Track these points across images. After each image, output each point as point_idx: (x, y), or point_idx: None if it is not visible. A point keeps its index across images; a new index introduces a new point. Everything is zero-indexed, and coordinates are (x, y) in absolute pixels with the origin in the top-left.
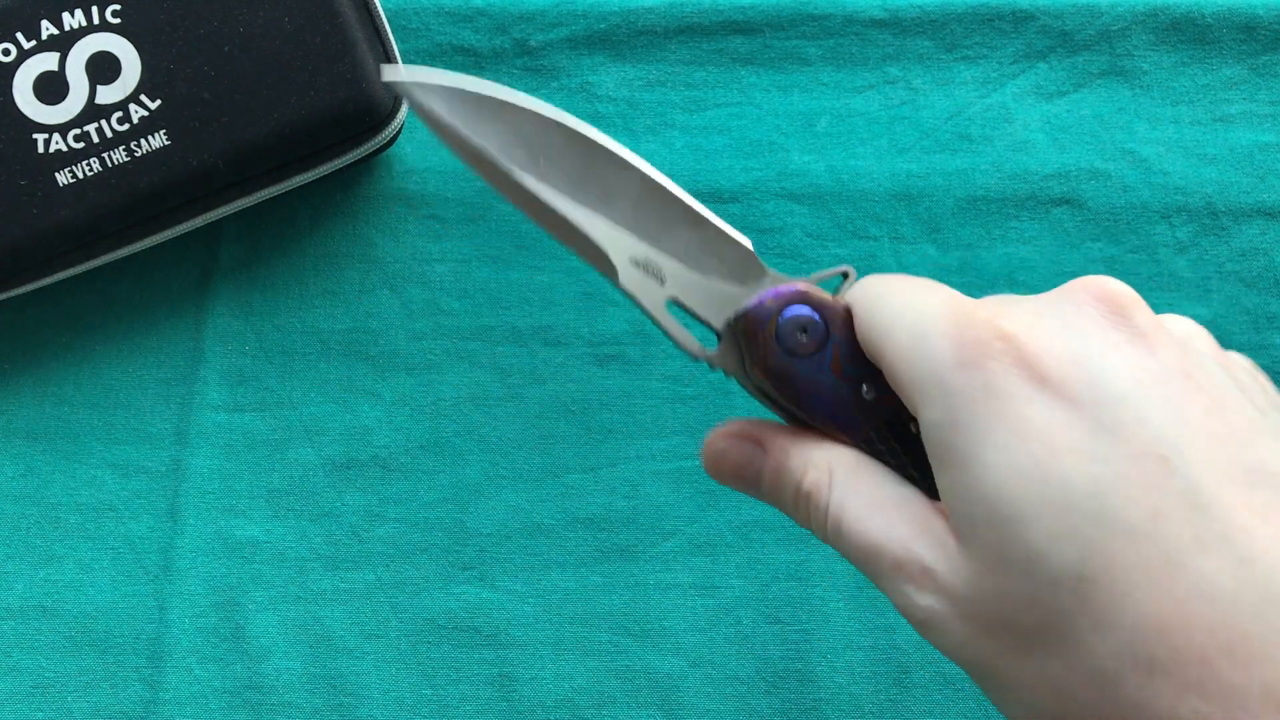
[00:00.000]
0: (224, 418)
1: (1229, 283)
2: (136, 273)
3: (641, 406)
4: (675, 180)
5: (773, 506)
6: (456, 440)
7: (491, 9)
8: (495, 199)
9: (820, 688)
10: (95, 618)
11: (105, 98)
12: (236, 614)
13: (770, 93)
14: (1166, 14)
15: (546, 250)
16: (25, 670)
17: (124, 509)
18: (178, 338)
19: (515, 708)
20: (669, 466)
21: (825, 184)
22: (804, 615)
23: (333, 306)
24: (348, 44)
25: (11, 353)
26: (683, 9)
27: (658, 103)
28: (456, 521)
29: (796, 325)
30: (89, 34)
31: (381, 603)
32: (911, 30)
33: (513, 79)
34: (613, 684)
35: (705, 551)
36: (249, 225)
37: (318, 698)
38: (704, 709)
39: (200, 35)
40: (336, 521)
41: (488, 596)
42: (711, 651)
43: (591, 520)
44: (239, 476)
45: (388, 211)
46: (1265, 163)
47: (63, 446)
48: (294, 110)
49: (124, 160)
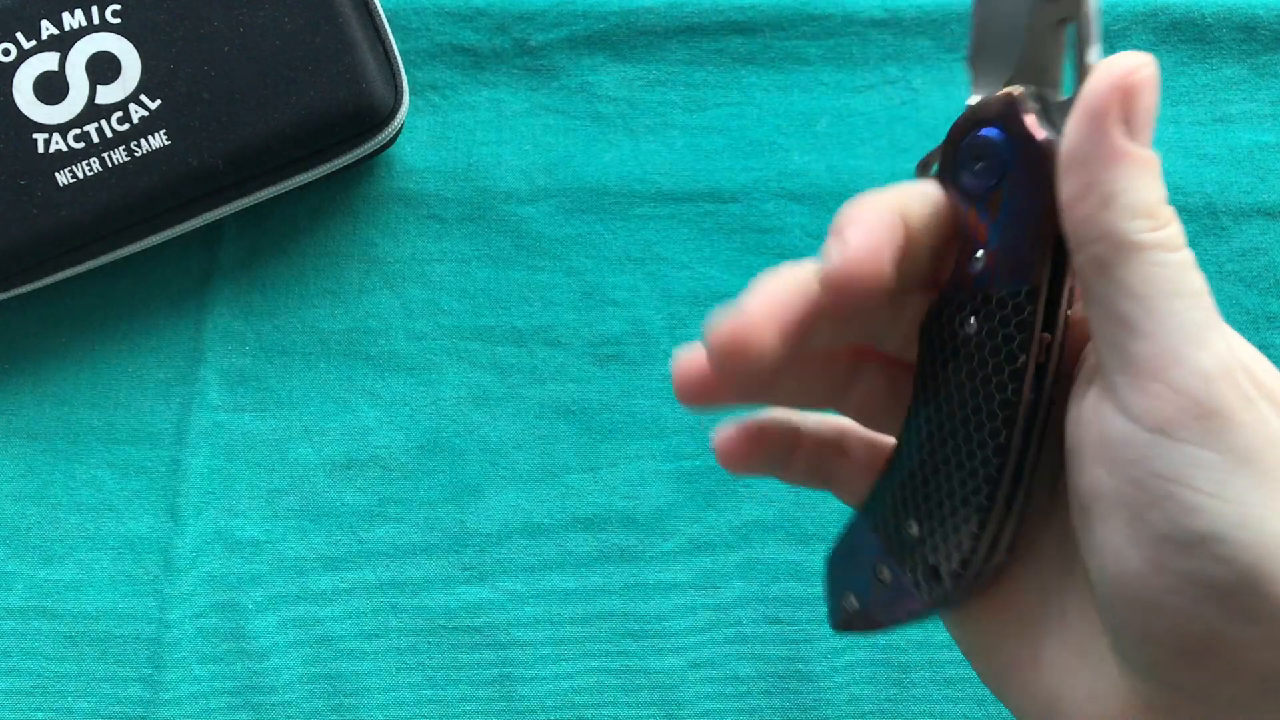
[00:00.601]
0: (224, 418)
1: (1229, 282)
2: (136, 273)
3: (641, 406)
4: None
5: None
6: (456, 440)
7: (491, 9)
8: (495, 199)
9: (820, 688)
10: (95, 618)
11: (105, 98)
12: (236, 614)
13: (770, 93)
14: (1166, 14)
15: (546, 250)
16: (25, 670)
17: (124, 509)
18: (178, 338)
19: (515, 708)
20: (669, 466)
21: (825, 184)
22: (804, 615)
23: (333, 306)
24: (348, 44)
25: (11, 353)
26: (683, 9)
27: (658, 103)
28: (456, 521)
29: (976, 150)
30: (89, 34)
31: (381, 603)
32: (911, 30)
33: (513, 79)
34: (613, 684)
35: (705, 551)
36: (249, 225)
37: (318, 698)
38: (704, 709)
39: (200, 35)
40: (336, 521)
41: (488, 596)
42: (711, 651)
43: (591, 520)
44: (239, 476)
45: (388, 211)
46: (1265, 162)
47: (63, 446)
48: (294, 110)
49: (124, 160)
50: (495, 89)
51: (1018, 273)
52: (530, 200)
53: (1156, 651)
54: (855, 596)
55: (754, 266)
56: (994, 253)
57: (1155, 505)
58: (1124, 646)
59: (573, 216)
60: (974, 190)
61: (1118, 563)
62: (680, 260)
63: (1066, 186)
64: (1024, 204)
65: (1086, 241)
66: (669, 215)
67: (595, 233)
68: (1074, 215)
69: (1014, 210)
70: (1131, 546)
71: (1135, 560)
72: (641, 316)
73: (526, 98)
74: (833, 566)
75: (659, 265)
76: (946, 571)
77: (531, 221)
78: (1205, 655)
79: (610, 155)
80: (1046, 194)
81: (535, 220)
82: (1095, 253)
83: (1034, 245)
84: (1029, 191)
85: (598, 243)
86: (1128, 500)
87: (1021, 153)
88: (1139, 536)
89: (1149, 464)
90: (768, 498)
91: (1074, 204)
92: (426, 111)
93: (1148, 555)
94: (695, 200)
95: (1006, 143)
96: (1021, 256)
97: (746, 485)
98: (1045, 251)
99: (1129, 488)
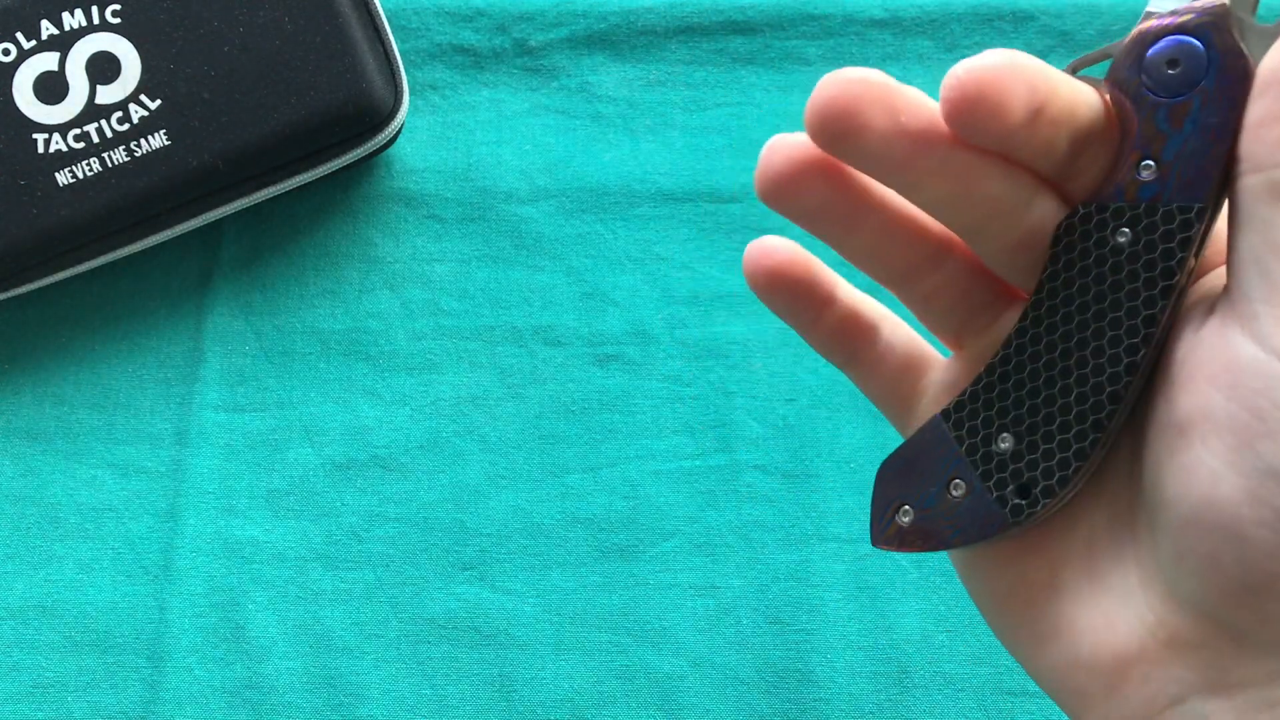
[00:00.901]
0: (224, 418)
1: None
2: (136, 273)
3: (641, 406)
4: (675, 180)
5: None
6: (456, 440)
7: (491, 9)
8: (495, 199)
9: (820, 688)
10: (95, 618)
11: (105, 98)
12: (236, 614)
13: (770, 93)
14: None
15: (546, 250)
16: (25, 670)
17: (124, 509)
18: (178, 338)
19: (515, 708)
20: (669, 466)
21: None
22: (804, 615)
23: (333, 306)
24: (348, 44)
25: (11, 353)
26: (683, 9)
27: (658, 103)
28: (456, 521)
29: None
30: (89, 34)
31: (381, 603)
32: (911, 30)
33: (513, 79)
34: (613, 684)
35: (705, 551)
36: (249, 225)
37: (318, 698)
38: (704, 709)
39: (200, 35)
40: (336, 521)
41: (488, 596)
42: (711, 651)
43: (591, 520)
44: (239, 476)
45: (388, 211)
46: None
47: (63, 446)
48: (294, 110)
49: (124, 160)
50: (495, 89)
51: (1192, 189)
52: (530, 200)
53: (1220, 581)
54: (913, 509)
55: None
56: (1169, 164)
57: (1271, 436)
58: (1181, 573)
59: (573, 216)
60: (1158, 97)
61: (1211, 486)
62: (680, 260)
63: (1258, 107)
64: (1216, 120)
65: (1267, 166)
66: (669, 215)
67: (595, 233)
68: (1261, 136)
69: (1204, 125)
70: (1232, 472)
71: (1232, 487)
72: (641, 316)
73: (526, 98)
74: (885, 476)
75: (659, 265)
76: (1041, 489)
77: (531, 221)
78: (1269, 594)
79: (610, 155)
80: (1239, 115)
81: (535, 220)
82: (1275, 178)
83: (1215, 164)
84: (1224, 109)
85: (598, 243)
86: (1241, 426)
87: (1224, 67)
88: (1243, 464)
89: (1274, 393)
90: (768, 498)
91: (1263, 125)
92: (426, 111)
93: (1248, 484)
94: (695, 200)
95: (1210, 55)
96: (1201, 173)
97: (746, 485)
98: (1222, 173)
99: (1245, 414)
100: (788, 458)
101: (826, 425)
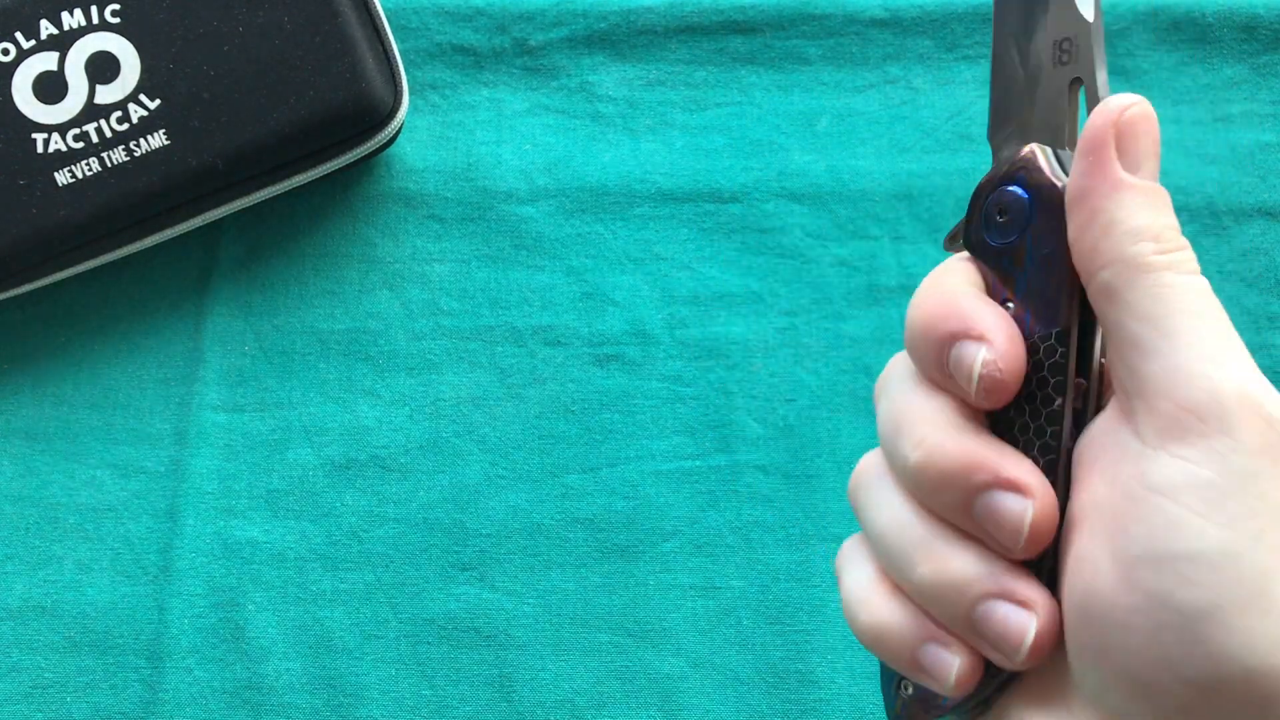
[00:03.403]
0: (223, 418)
1: (1230, 282)
2: (136, 273)
3: (641, 406)
4: (675, 180)
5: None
6: (456, 440)
7: (491, 9)
8: (495, 199)
9: (820, 688)
10: (95, 618)
11: (105, 97)
12: (236, 614)
13: (770, 93)
14: (1167, 14)
15: (546, 250)
16: (25, 670)
17: (123, 509)
18: (178, 338)
19: (515, 708)
20: (669, 466)
21: (825, 184)
22: (804, 615)
23: (333, 306)
24: (348, 44)
25: (11, 353)
26: (683, 9)
27: (658, 103)
28: (456, 521)
29: (1000, 204)
30: (88, 34)
31: (381, 603)
32: (912, 30)
33: (513, 79)
34: (613, 684)
35: (705, 552)
36: (249, 225)
37: (317, 698)
38: (704, 709)
39: (200, 35)
40: (336, 522)
41: (488, 597)
42: (711, 651)
43: (591, 521)
44: (238, 477)
45: (388, 211)
46: (1266, 162)
47: (62, 446)
48: (294, 110)
49: (124, 160)
50: (495, 89)
51: (1047, 317)
52: (530, 200)
53: (1109, 676)
54: (910, 683)
55: (754, 266)
56: (1023, 301)
57: (1141, 519)
58: (1082, 669)
59: (573, 216)
60: (1000, 246)
61: (1092, 576)
62: (680, 260)
63: (1073, 223)
64: (1047, 249)
65: (1095, 271)
66: (669, 215)
67: (595, 233)
68: (1081, 248)
69: (1038, 257)
70: (1109, 560)
71: (1109, 574)
72: (641, 316)
73: (526, 97)
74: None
75: (659, 265)
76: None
77: (531, 221)
78: (1151, 690)
79: (610, 155)
80: (1065, 239)
81: (535, 220)
82: (1104, 280)
83: (1059, 288)
84: (1050, 236)
85: (598, 243)
86: (1117, 512)
87: (1041, 201)
88: (1118, 550)
89: (1145, 477)
90: (768, 498)
91: (1079, 237)
92: (426, 111)
93: (1122, 571)
94: (695, 200)
95: (1027, 195)
96: (1048, 299)
97: (747, 485)
98: (1072, 295)
99: (1120, 499)
100: (788, 458)
101: (826, 425)
